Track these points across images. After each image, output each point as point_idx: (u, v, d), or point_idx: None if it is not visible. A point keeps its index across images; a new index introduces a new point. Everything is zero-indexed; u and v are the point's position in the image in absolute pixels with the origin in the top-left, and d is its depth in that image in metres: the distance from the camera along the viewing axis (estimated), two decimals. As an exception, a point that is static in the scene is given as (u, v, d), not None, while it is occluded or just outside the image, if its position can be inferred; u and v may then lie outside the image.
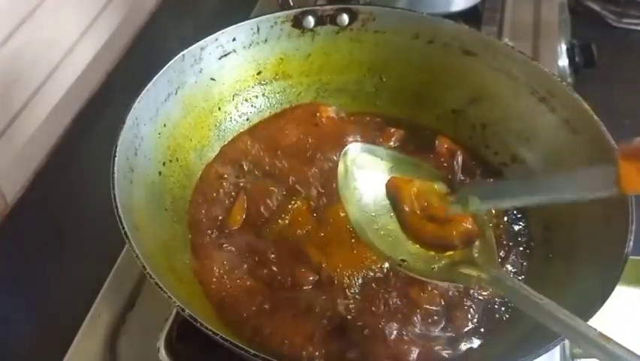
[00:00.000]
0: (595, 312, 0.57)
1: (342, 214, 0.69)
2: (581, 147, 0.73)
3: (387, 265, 0.67)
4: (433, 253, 0.64)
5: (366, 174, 0.67)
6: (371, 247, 0.64)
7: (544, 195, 0.61)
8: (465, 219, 0.65)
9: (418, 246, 0.64)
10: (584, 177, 0.57)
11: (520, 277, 0.70)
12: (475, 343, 0.65)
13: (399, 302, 0.65)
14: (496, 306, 0.67)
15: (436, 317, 0.65)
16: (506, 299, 0.66)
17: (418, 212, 0.65)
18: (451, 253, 0.64)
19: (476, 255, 0.63)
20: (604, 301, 0.57)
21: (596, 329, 0.50)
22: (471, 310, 0.66)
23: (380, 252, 0.64)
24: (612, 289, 0.58)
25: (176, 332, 0.69)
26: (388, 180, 0.68)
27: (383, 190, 0.67)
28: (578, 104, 0.74)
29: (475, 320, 0.66)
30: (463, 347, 0.64)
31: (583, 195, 0.56)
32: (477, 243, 0.64)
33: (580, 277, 0.65)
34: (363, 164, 0.67)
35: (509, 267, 0.71)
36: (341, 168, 0.66)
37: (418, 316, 0.65)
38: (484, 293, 0.68)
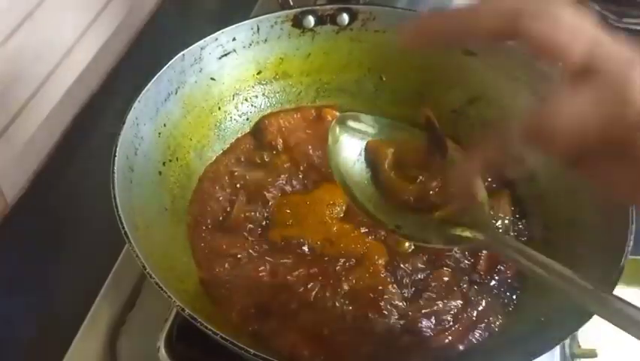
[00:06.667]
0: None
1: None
2: (581, 147, 0.72)
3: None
4: (427, 216, 0.63)
5: (355, 142, 0.66)
6: (364, 213, 0.63)
7: None
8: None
9: (410, 212, 0.64)
10: None
11: (520, 278, 0.70)
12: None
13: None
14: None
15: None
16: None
17: (393, 174, 0.65)
18: (441, 213, 0.63)
19: (470, 216, 0.61)
20: (604, 302, 0.57)
21: (598, 286, 0.50)
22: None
23: (373, 217, 0.63)
24: (612, 290, 0.58)
25: (176, 332, 0.69)
26: (366, 144, 0.67)
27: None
28: (578, 104, 0.73)
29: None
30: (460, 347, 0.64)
31: None
32: (473, 204, 0.62)
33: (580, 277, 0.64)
34: (351, 132, 0.66)
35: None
36: (330, 138, 0.65)
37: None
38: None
